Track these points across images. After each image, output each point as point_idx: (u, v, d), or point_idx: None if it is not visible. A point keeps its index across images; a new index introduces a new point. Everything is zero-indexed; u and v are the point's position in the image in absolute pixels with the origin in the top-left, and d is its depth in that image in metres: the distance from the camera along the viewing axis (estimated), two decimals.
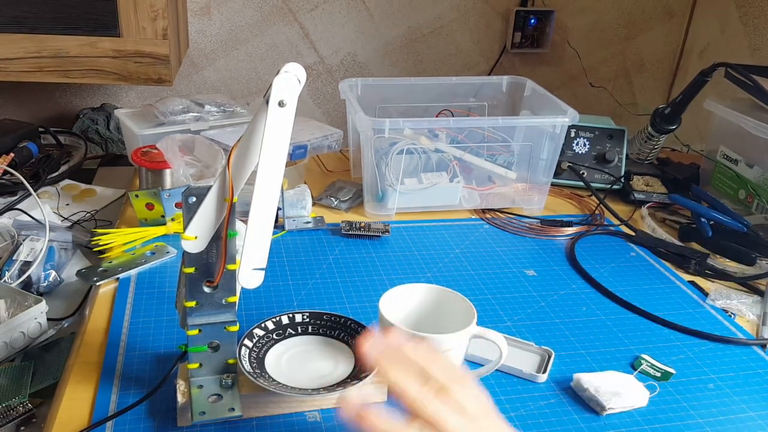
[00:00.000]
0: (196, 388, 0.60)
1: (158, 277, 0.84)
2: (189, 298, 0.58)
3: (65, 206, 1.12)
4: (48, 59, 1.16)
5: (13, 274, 0.86)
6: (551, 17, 1.64)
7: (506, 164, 1.10)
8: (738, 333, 0.80)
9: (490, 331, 0.65)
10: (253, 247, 0.52)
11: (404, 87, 1.19)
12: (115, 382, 0.65)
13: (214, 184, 0.53)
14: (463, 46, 1.68)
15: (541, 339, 0.76)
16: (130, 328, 0.73)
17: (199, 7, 1.49)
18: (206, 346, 0.60)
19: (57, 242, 0.95)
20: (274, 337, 0.68)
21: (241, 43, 1.55)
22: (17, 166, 1.15)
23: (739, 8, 1.58)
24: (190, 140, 1.09)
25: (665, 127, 1.21)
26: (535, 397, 0.67)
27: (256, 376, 0.61)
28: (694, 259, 0.96)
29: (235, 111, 1.23)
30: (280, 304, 0.80)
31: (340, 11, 1.57)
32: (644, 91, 1.84)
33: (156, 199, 0.93)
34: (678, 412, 0.66)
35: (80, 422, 0.60)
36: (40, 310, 0.78)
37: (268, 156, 0.50)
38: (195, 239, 0.55)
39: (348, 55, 1.62)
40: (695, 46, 1.74)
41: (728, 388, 0.70)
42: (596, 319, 0.81)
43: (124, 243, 0.90)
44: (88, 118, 1.42)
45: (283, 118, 0.49)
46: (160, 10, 1.15)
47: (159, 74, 1.20)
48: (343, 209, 1.07)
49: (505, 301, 0.83)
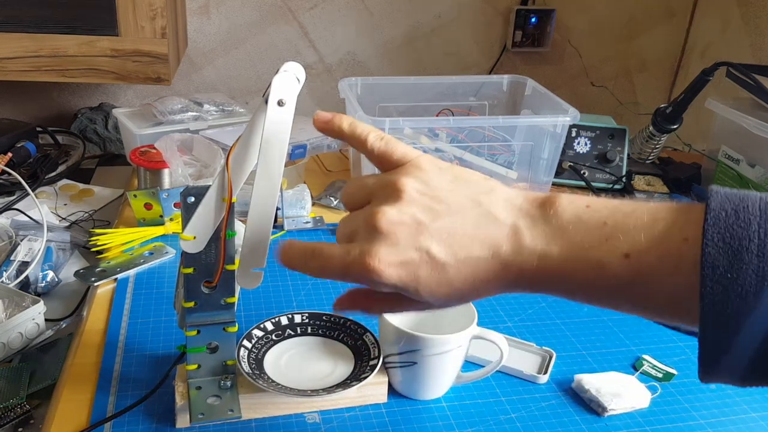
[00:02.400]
0: (195, 390, 0.60)
1: (156, 278, 0.83)
2: (187, 299, 0.57)
3: (63, 206, 1.12)
4: (46, 58, 1.16)
5: (10, 274, 0.86)
6: (552, 16, 1.63)
7: (507, 164, 1.10)
8: None
9: (491, 332, 0.64)
10: (252, 247, 0.52)
11: (404, 86, 1.18)
12: (113, 384, 0.64)
13: (213, 184, 0.53)
14: (463, 45, 1.67)
15: (542, 340, 0.76)
16: (128, 328, 0.73)
17: (197, 6, 1.49)
18: (205, 347, 0.60)
19: (55, 242, 0.95)
20: (273, 338, 0.67)
21: (240, 43, 1.55)
22: (15, 165, 1.14)
23: (740, 7, 1.58)
24: (188, 140, 1.09)
25: (667, 126, 1.20)
26: (536, 398, 0.67)
27: (255, 377, 0.60)
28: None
29: (234, 110, 1.23)
30: (280, 304, 0.79)
31: (339, 10, 1.56)
32: (645, 90, 1.83)
33: (154, 199, 0.93)
34: (680, 413, 0.66)
35: (78, 424, 0.60)
36: (37, 310, 0.77)
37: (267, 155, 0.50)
38: (193, 239, 0.54)
39: (347, 54, 1.62)
40: (697, 46, 1.74)
41: (730, 389, 0.70)
42: (597, 320, 0.81)
43: (123, 243, 0.89)
44: (86, 118, 1.41)
45: (282, 117, 0.49)
46: (159, 9, 1.14)
47: (157, 73, 1.20)
48: (342, 209, 1.06)
49: (506, 302, 0.83)
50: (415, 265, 0.39)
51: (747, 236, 0.33)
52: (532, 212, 0.39)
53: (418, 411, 0.64)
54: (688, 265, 0.34)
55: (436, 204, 0.40)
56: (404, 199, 0.40)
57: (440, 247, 0.39)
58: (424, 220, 0.39)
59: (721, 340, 0.33)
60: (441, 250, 0.39)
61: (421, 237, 0.39)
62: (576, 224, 0.38)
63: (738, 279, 0.32)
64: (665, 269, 0.35)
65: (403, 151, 0.44)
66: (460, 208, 0.40)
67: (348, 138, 0.46)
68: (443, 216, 0.40)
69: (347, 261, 0.40)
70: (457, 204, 0.40)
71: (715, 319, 0.33)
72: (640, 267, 0.36)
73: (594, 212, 0.38)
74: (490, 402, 0.66)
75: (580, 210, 0.38)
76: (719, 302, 0.33)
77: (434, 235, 0.39)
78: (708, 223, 0.34)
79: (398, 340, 0.62)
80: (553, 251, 0.38)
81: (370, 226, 0.40)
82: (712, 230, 0.33)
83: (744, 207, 0.34)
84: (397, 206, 0.40)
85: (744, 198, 0.34)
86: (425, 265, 0.39)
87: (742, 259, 0.32)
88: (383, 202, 0.41)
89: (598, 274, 0.37)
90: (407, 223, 0.39)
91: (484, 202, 0.40)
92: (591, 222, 0.38)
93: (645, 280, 0.36)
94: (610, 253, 0.36)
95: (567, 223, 0.38)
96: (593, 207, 0.38)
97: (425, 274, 0.39)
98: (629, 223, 0.37)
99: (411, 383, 0.64)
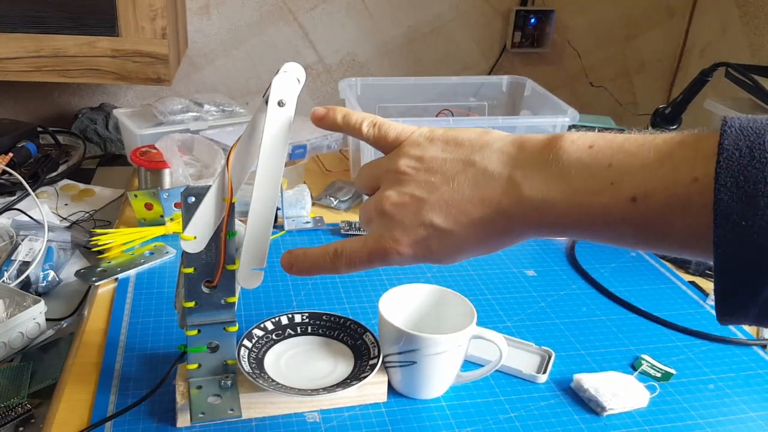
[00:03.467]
0: (196, 389, 0.60)
1: (157, 278, 0.84)
2: (188, 299, 0.58)
3: (64, 206, 1.12)
4: (47, 59, 1.16)
5: (11, 274, 0.86)
6: (551, 17, 1.64)
7: None
8: (738, 333, 0.80)
9: (490, 332, 0.64)
10: (253, 247, 0.52)
11: (404, 87, 1.19)
12: (114, 383, 0.65)
13: (213, 184, 0.53)
14: (463, 46, 1.67)
15: (541, 339, 0.76)
16: (129, 328, 0.73)
17: (198, 6, 1.49)
18: (205, 347, 0.60)
19: (56, 242, 0.95)
20: (273, 338, 0.68)
21: (241, 43, 1.55)
22: (16, 165, 1.14)
23: (739, 8, 1.58)
24: (189, 140, 1.09)
25: (665, 126, 1.21)
26: (535, 398, 0.67)
27: (256, 376, 0.61)
28: (694, 260, 0.96)
29: (235, 111, 1.23)
30: (280, 304, 0.80)
31: (339, 11, 1.57)
32: (644, 90, 1.84)
33: (155, 199, 0.93)
34: (678, 412, 0.66)
35: (79, 423, 0.60)
36: (38, 310, 0.77)
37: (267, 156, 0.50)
38: (194, 239, 0.54)
39: (347, 54, 1.62)
40: (696, 46, 1.74)
41: (729, 389, 0.70)
42: (596, 320, 0.81)
43: (123, 243, 0.90)
44: (86, 118, 1.41)
45: (282, 117, 0.49)
46: (159, 9, 1.14)
47: (158, 74, 1.20)
48: (342, 209, 1.06)
49: (505, 302, 0.83)
50: (425, 239, 0.41)
51: (763, 179, 0.30)
52: (530, 160, 0.39)
53: (417, 410, 0.64)
54: (698, 208, 0.32)
55: (431, 176, 0.41)
56: (402, 180, 0.42)
57: (442, 218, 0.40)
58: (423, 195, 0.41)
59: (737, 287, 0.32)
60: (443, 220, 0.40)
61: (423, 212, 0.41)
62: (578, 168, 0.37)
63: (753, 227, 0.30)
64: (675, 212, 0.33)
65: (396, 132, 0.45)
66: (454, 174, 0.41)
67: (344, 129, 0.47)
68: (440, 187, 0.41)
69: (368, 250, 0.43)
70: (451, 171, 0.41)
71: (731, 266, 0.32)
72: (648, 211, 0.34)
73: (597, 153, 0.36)
74: (490, 401, 0.66)
75: (582, 152, 0.37)
76: (733, 253, 0.31)
77: (434, 207, 0.40)
78: (720, 165, 0.31)
79: (398, 340, 0.62)
80: (554, 198, 0.37)
81: (380, 212, 0.42)
82: (724, 173, 0.31)
83: (760, 144, 0.31)
84: (397, 188, 0.42)
85: (761, 132, 0.31)
86: (434, 236, 0.41)
87: (757, 205, 0.30)
88: (387, 186, 0.43)
89: (603, 220, 0.36)
90: (408, 203, 0.41)
91: (477, 161, 0.40)
92: (594, 165, 0.36)
93: (653, 223, 0.34)
94: (616, 198, 0.35)
95: (568, 167, 0.37)
96: (597, 147, 0.37)
97: (436, 244, 0.41)
98: (635, 163, 0.35)
99: (410, 383, 0.65)
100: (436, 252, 0.41)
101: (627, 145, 0.36)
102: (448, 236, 0.40)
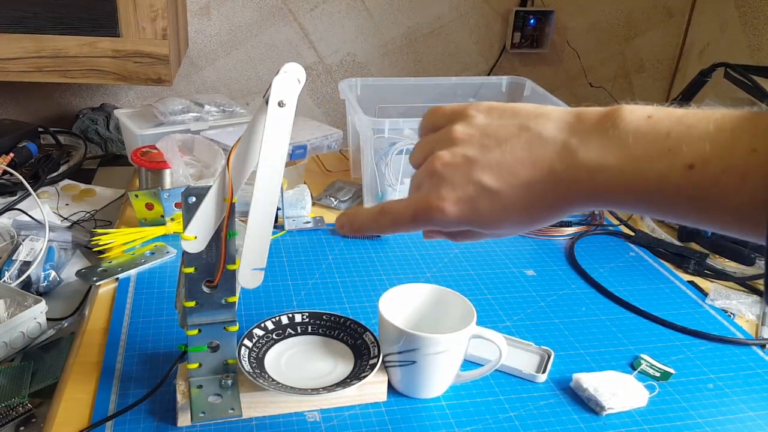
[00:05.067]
0: (196, 388, 0.60)
1: (158, 277, 0.84)
2: (188, 298, 0.58)
3: (65, 206, 1.12)
4: (47, 59, 1.16)
5: (12, 274, 0.86)
6: (551, 17, 1.64)
7: None
8: (737, 333, 0.80)
9: (490, 331, 0.65)
10: (253, 247, 0.52)
11: (404, 87, 1.19)
12: (114, 382, 0.65)
13: (214, 184, 0.53)
14: (462, 46, 1.68)
15: (541, 339, 0.76)
16: (129, 328, 0.73)
17: (198, 7, 1.49)
18: (206, 346, 0.60)
19: (56, 242, 0.95)
20: (273, 337, 0.68)
21: (241, 43, 1.55)
22: (17, 166, 1.15)
23: (738, 8, 1.58)
24: (189, 140, 1.09)
25: None
26: (535, 397, 0.67)
27: (256, 376, 0.61)
28: (693, 259, 0.96)
29: (235, 111, 1.23)
30: (280, 304, 0.80)
31: (339, 11, 1.57)
32: (644, 91, 1.84)
33: (155, 199, 0.93)
34: (677, 412, 0.66)
35: (80, 422, 0.60)
36: (39, 310, 0.78)
37: (267, 156, 0.50)
38: (194, 239, 0.55)
39: (347, 55, 1.62)
40: (695, 46, 1.74)
41: (728, 388, 0.70)
42: (596, 319, 0.81)
43: (124, 243, 0.90)
44: (87, 118, 1.42)
45: (282, 118, 0.50)
46: (160, 10, 1.15)
47: (158, 74, 1.20)
48: (342, 209, 1.07)
49: (505, 301, 0.83)
50: (473, 199, 0.41)
51: None
52: (587, 127, 0.39)
53: (417, 410, 0.64)
54: (756, 178, 0.32)
55: (485, 139, 0.41)
56: (456, 143, 0.42)
57: (492, 178, 0.40)
58: (475, 155, 0.41)
59: None
60: (493, 180, 0.40)
61: (473, 172, 0.41)
62: (636, 135, 0.36)
63: None
64: (731, 182, 0.33)
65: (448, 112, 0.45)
66: (508, 136, 0.41)
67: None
68: (492, 149, 0.41)
69: (413, 208, 0.43)
70: (505, 134, 0.41)
71: None
72: (704, 179, 0.34)
73: (656, 123, 0.36)
74: (489, 401, 0.66)
75: (641, 121, 0.37)
76: None
77: (485, 167, 0.40)
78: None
79: (398, 340, 0.62)
80: (609, 163, 0.37)
81: (430, 172, 0.42)
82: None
83: None
84: (450, 149, 0.42)
85: None
86: (482, 197, 0.40)
87: None
88: (439, 149, 0.43)
89: (658, 187, 0.36)
90: (459, 163, 0.41)
91: (533, 126, 0.40)
92: (652, 133, 0.36)
93: (709, 192, 0.34)
94: (672, 165, 0.35)
95: (626, 134, 0.37)
96: (655, 117, 0.37)
97: (484, 205, 0.41)
98: (693, 133, 0.35)
99: (410, 382, 0.65)
100: (483, 214, 0.41)
101: (686, 117, 0.36)
102: (495, 197, 0.40)
